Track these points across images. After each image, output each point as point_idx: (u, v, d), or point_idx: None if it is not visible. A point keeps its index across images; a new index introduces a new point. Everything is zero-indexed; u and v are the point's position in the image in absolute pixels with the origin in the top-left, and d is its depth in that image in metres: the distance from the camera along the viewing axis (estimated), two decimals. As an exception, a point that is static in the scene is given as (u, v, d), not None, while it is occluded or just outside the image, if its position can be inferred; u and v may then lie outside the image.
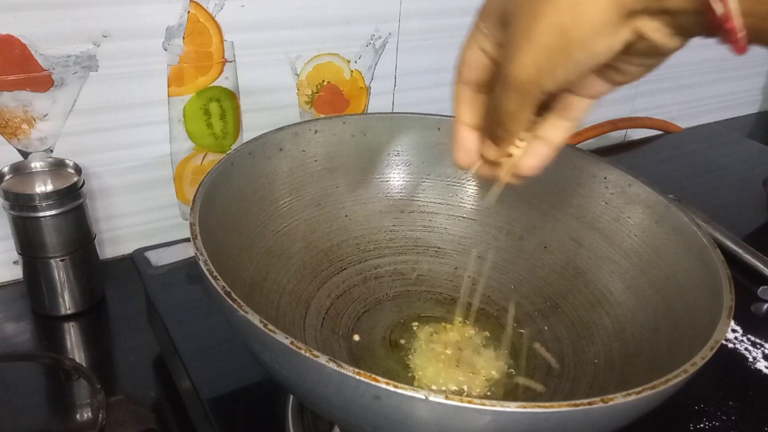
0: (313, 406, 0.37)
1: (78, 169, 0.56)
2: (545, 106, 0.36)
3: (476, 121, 0.38)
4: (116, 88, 0.58)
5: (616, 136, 1.00)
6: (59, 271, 0.56)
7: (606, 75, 0.34)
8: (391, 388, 0.28)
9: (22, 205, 0.53)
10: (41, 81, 0.55)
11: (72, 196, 0.54)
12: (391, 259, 0.53)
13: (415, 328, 0.48)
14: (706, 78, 1.07)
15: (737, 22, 0.28)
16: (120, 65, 0.58)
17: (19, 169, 0.55)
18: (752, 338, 0.58)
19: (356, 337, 0.47)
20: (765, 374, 0.54)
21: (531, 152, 0.37)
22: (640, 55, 0.32)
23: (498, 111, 0.34)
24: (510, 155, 0.38)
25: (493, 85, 0.35)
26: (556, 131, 0.37)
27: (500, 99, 0.34)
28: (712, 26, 0.29)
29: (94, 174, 0.61)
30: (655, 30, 0.30)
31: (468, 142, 0.38)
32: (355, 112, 0.73)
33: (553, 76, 0.31)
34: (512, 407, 0.28)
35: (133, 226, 0.66)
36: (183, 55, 0.60)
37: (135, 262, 0.58)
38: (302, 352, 0.29)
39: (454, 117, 0.38)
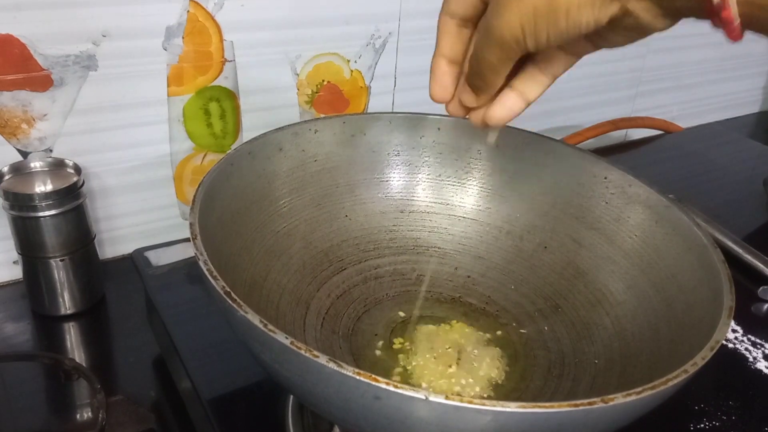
0: (313, 406, 0.37)
1: (78, 169, 0.56)
2: (526, 58, 0.36)
3: (456, 56, 0.37)
4: (116, 88, 0.58)
5: (616, 136, 1.00)
6: (59, 271, 0.56)
7: (590, 38, 0.34)
8: (391, 388, 0.28)
9: (21, 205, 0.53)
10: (41, 81, 0.55)
11: (72, 196, 0.54)
12: (391, 259, 0.53)
13: (415, 328, 0.48)
14: (706, 78, 1.07)
15: (734, 10, 0.28)
16: (120, 65, 0.57)
17: (18, 169, 0.55)
18: (752, 338, 0.58)
19: (377, 344, 0.47)
20: (765, 374, 0.54)
21: (502, 102, 0.37)
22: (625, 29, 0.32)
23: (479, 62, 0.35)
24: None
25: (477, 25, 0.35)
26: (532, 86, 0.37)
27: (482, 51, 0.34)
28: (705, 12, 0.29)
29: (94, 174, 0.61)
30: (644, 9, 0.31)
31: (446, 75, 0.38)
32: (355, 112, 0.73)
33: (536, 38, 0.32)
34: (512, 407, 0.28)
35: (133, 226, 0.66)
36: (182, 54, 0.60)
37: (135, 262, 0.58)
38: (302, 352, 0.29)
39: (435, 48, 0.38)
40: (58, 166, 0.56)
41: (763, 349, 0.57)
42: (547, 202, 0.53)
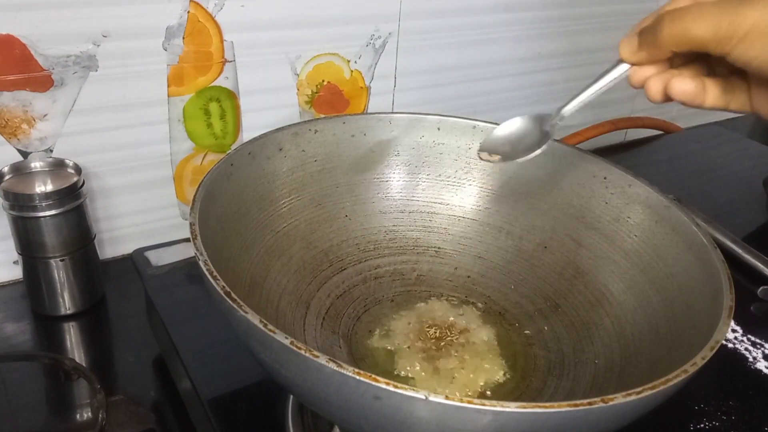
0: (313, 406, 0.37)
1: (78, 169, 0.56)
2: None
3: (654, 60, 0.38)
4: (116, 88, 0.58)
5: (616, 136, 1.00)
6: (59, 271, 0.56)
7: None
8: (391, 388, 0.28)
9: (22, 205, 0.53)
10: (41, 81, 0.55)
11: (72, 196, 0.54)
12: (391, 259, 0.53)
13: (414, 328, 0.48)
14: (706, 78, 1.07)
15: None
16: (120, 65, 0.57)
17: (19, 169, 0.55)
18: (752, 338, 0.58)
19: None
20: (765, 374, 0.54)
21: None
22: None
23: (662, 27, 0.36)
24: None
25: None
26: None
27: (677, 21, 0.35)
28: None
29: (94, 174, 0.61)
30: None
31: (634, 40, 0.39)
32: (355, 112, 0.73)
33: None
34: (512, 407, 0.28)
35: (133, 226, 0.66)
36: (183, 55, 0.60)
37: (135, 262, 0.58)
38: (302, 352, 0.29)
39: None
40: (58, 166, 0.56)
41: (763, 349, 0.57)
42: (546, 202, 0.53)
